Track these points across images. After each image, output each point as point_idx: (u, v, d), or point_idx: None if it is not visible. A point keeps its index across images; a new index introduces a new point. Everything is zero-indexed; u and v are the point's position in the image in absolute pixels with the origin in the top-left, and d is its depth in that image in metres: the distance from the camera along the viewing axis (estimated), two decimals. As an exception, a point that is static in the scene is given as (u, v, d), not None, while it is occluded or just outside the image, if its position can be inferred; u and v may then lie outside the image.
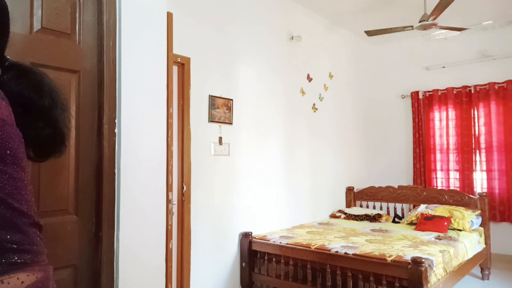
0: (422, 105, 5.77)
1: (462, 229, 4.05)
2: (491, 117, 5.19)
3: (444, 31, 4.55)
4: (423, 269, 2.75)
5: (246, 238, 3.73)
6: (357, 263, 3.08)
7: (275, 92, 4.28)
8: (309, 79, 4.83)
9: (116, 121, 1.85)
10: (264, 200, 4.08)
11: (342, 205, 5.35)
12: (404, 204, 5.07)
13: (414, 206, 4.93)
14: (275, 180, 4.24)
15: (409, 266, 2.81)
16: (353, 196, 5.38)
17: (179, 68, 3.30)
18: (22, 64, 0.97)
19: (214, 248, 3.54)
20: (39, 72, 0.98)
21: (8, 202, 0.78)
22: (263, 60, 4.14)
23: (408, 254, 3.02)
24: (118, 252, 1.82)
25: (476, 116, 5.33)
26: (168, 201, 2.16)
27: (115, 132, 1.84)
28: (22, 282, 0.74)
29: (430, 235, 3.84)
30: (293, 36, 4.52)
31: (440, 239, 3.65)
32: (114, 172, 1.83)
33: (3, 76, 0.89)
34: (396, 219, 4.85)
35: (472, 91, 5.33)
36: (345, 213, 5.03)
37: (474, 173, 5.29)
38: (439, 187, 5.53)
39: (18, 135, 0.85)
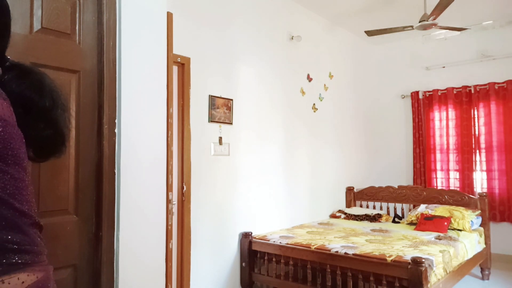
0: (422, 105, 5.77)
1: (462, 229, 4.05)
2: (491, 117, 5.19)
3: (444, 31, 4.55)
4: (423, 269, 2.75)
5: (246, 238, 3.73)
6: (357, 263, 3.08)
7: (275, 92, 4.28)
8: (309, 79, 4.83)
9: (116, 121, 1.85)
10: (264, 200, 4.08)
11: (342, 205, 5.35)
12: (404, 204, 5.07)
13: (414, 206, 4.93)
14: (275, 180, 4.24)
15: (409, 266, 2.81)
16: (353, 196, 5.38)
17: (179, 68, 3.30)
18: (23, 64, 0.97)
19: (214, 248, 3.54)
20: (40, 73, 0.98)
21: (9, 203, 0.79)
22: (263, 60, 4.14)
23: (408, 254, 3.02)
24: (118, 252, 1.82)
25: (476, 116, 5.33)
26: (168, 201, 2.16)
27: (115, 132, 1.84)
28: (23, 282, 0.75)
29: (430, 235, 3.84)
30: (293, 36, 4.52)
31: (440, 239, 3.65)
32: (114, 172, 1.83)
33: (4, 76, 0.89)
34: (396, 219, 4.85)
35: (472, 91, 5.33)
36: (345, 213, 5.02)
37: (474, 173, 5.29)
38: (439, 187, 5.52)
39: (20, 135, 0.85)
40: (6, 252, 0.75)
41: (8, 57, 0.94)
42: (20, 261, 0.76)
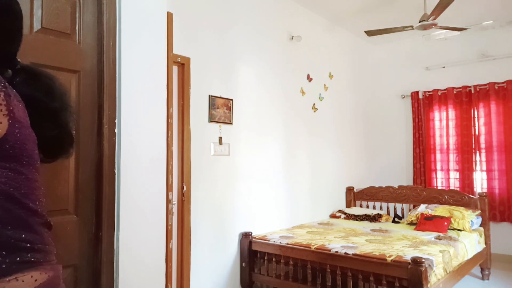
0: (422, 105, 5.77)
1: (462, 229, 4.05)
2: (491, 117, 5.19)
3: (444, 31, 4.55)
4: (423, 269, 2.75)
5: (246, 238, 3.73)
6: (357, 263, 3.08)
7: (275, 92, 4.28)
8: (309, 79, 4.83)
9: (116, 121, 1.85)
10: (264, 200, 4.08)
11: (342, 205, 5.35)
12: (404, 204, 5.07)
13: (414, 206, 4.93)
14: (275, 180, 4.24)
15: (409, 266, 2.81)
16: (353, 196, 5.38)
17: (179, 68, 3.30)
18: (33, 67, 0.99)
19: (214, 248, 3.54)
20: (50, 76, 1.00)
21: (23, 202, 0.81)
22: (263, 60, 4.14)
23: (408, 254, 3.02)
24: (118, 252, 1.82)
25: (476, 116, 5.33)
26: (168, 201, 2.16)
27: (115, 132, 1.84)
28: (36, 280, 0.77)
29: (430, 235, 3.84)
30: (293, 36, 4.52)
31: (440, 239, 3.65)
32: (114, 172, 1.83)
33: (15, 78, 0.91)
34: (396, 219, 4.85)
35: (472, 91, 5.33)
36: (345, 213, 5.02)
37: (474, 173, 5.29)
38: (439, 187, 5.52)
39: (33, 137, 0.87)
40: (20, 251, 0.77)
41: (19, 60, 0.95)
42: (32, 259, 0.79)
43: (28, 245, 0.79)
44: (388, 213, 5.13)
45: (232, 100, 3.74)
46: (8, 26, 0.89)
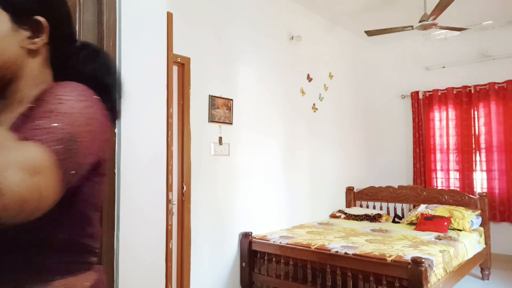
0: (422, 105, 5.77)
1: (462, 229, 4.05)
2: (491, 117, 5.19)
3: (444, 31, 4.55)
4: (423, 269, 2.75)
5: (246, 238, 3.73)
6: (357, 263, 3.08)
7: (275, 92, 4.28)
8: (309, 79, 4.83)
9: (116, 121, 1.84)
10: (264, 200, 4.08)
11: (342, 205, 5.35)
12: (404, 204, 5.07)
13: (414, 206, 4.94)
14: (275, 180, 4.24)
15: (409, 266, 2.81)
16: (353, 196, 5.38)
17: (179, 68, 3.30)
18: (92, 44, 1.01)
19: (214, 248, 3.54)
20: (106, 53, 1.02)
21: (98, 213, 0.90)
22: (263, 60, 4.14)
23: (408, 254, 3.02)
24: (118, 252, 1.81)
25: (476, 116, 5.33)
26: (168, 201, 2.16)
27: (115, 132, 1.84)
28: (93, 278, 0.88)
29: (430, 235, 3.84)
30: (293, 36, 4.52)
31: (440, 239, 3.65)
32: (114, 172, 1.83)
33: (79, 55, 0.93)
34: (396, 219, 4.85)
35: (472, 91, 5.33)
36: (345, 213, 5.03)
37: (474, 173, 5.29)
38: (439, 187, 5.53)
39: None
40: (87, 254, 0.88)
41: (77, 38, 0.97)
42: (93, 262, 0.90)
43: (93, 249, 0.89)
44: (388, 213, 5.13)
45: (232, 100, 3.74)
46: (63, 8, 0.91)
